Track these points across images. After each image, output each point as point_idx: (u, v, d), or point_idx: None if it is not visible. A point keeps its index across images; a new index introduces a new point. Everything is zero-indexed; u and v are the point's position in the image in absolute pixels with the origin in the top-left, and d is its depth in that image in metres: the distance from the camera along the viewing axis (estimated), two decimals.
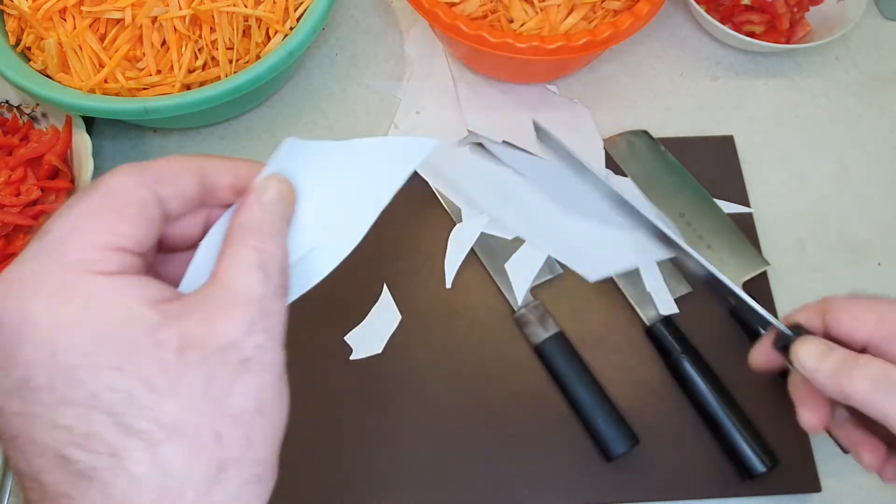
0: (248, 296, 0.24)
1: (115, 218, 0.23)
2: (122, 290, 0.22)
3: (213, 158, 0.27)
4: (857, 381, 0.30)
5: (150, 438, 0.21)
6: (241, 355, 0.23)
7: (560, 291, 0.57)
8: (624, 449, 0.50)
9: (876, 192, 0.63)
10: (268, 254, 0.25)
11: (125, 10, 0.54)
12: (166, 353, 0.22)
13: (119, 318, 0.22)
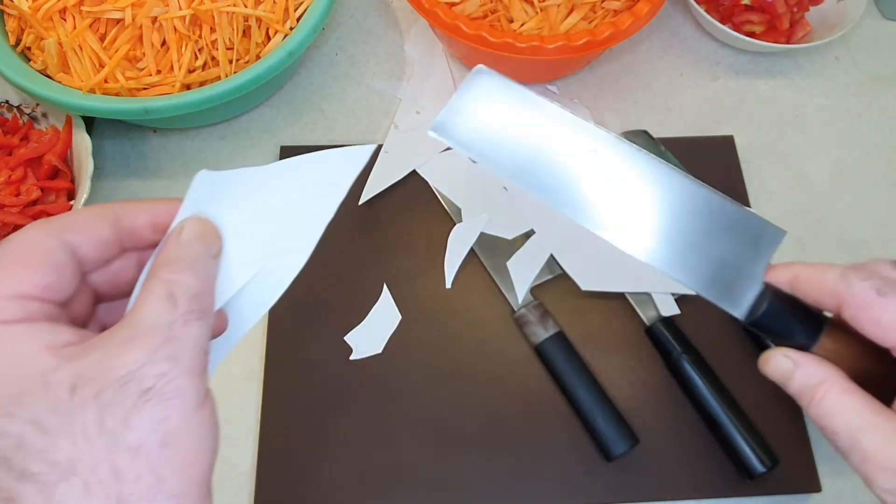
0: (151, 325, 0.23)
1: (18, 267, 0.24)
2: (17, 337, 0.22)
3: (127, 202, 0.27)
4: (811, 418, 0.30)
5: (45, 480, 0.21)
6: (140, 386, 0.22)
7: (560, 291, 0.57)
8: (624, 449, 0.50)
9: (876, 191, 0.63)
10: (178, 283, 0.25)
11: (125, 10, 0.54)
12: (58, 392, 0.22)
13: (10, 366, 0.22)
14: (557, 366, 0.53)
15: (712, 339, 0.55)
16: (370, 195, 0.60)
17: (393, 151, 0.63)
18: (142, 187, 0.62)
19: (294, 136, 0.65)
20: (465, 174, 0.62)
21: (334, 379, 0.54)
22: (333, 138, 0.65)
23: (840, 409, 0.29)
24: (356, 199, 0.60)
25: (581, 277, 0.57)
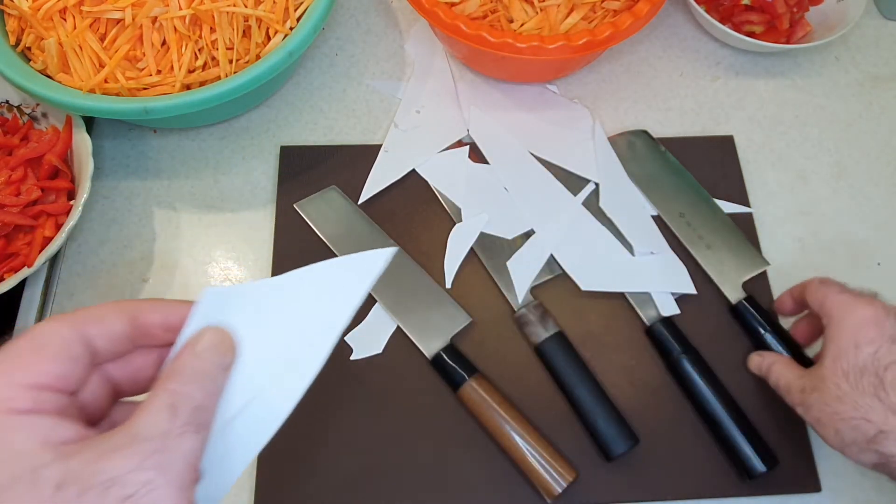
0: (146, 433, 0.24)
1: (34, 357, 0.24)
2: (21, 428, 0.23)
3: (143, 300, 0.28)
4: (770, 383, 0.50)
5: None
6: (122, 492, 0.23)
7: (560, 291, 0.57)
8: (624, 449, 0.50)
9: (875, 192, 0.64)
10: (182, 395, 0.25)
11: (125, 10, 0.54)
12: (44, 489, 0.22)
13: (6, 455, 0.23)
14: (557, 366, 0.53)
15: (712, 339, 0.55)
16: (370, 194, 0.60)
17: (393, 151, 0.63)
18: (142, 187, 0.62)
19: (294, 136, 0.65)
20: (465, 174, 0.62)
21: (334, 379, 0.54)
22: (333, 138, 0.65)
23: (783, 370, 0.48)
24: (357, 198, 0.60)
25: (581, 277, 0.57)
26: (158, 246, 0.60)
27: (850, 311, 0.44)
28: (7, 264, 0.54)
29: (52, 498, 0.22)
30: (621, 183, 0.61)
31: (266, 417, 0.28)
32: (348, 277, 0.29)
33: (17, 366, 0.24)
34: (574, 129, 0.65)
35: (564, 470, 0.50)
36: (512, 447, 0.50)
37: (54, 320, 0.26)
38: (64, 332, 0.26)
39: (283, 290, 0.29)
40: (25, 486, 0.22)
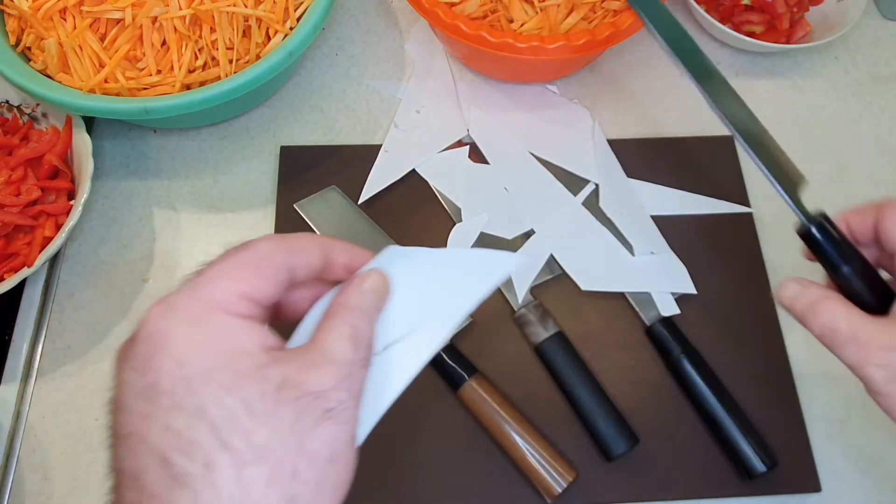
0: (339, 358, 0.27)
1: (254, 274, 0.27)
2: (244, 330, 0.26)
3: (335, 240, 0.31)
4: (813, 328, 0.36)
5: (240, 458, 0.24)
6: (326, 405, 0.26)
7: (560, 291, 0.57)
8: (624, 449, 0.50)
9: (876, 191, 0.63)
10: (359, 329, 0.29)
11: (125, 10, 0.54)
12: (268, 385, 0.25)
13: (237, 351, 0.26)
14: (557, 366, 0.53)
15: (712, 339, 0.55)
16: (370, 194, 0.60)
17: (393, 151, 0.63)
18: (142, 187, 0.62)
19: (294, 136, 0.65)
20: (465, 174, 0.62)
21: None
22: (333, 138, 0.65)
23: (842, 312, 0.35)
24: (357, 198, 0.60)
25: (581, 277, 0.57)
26: (158, 246, 0.60)
27: None
28: (7, 264, 0.54)
29: (274, 396, 0.25)
30: (621, 183, 0.61)
31: (395, 371, 0.31)
32: (492, 266, 0.33)
33: (238, 277, 0.27)
34: (574, 129, 0.65)
35: (564, 470, 0.50)
36: (512, 447, 0.50)
37: (271, 242, 0.29)
38: (278, 257, 0.28)
39: (439, 260, 0.33)
40: (254, 381, 0.25)
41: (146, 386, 0.25)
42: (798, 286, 0.38)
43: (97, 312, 0.57)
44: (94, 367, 0.55)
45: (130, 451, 0.25)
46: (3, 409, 0.53)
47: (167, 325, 0.26)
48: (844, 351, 0.34)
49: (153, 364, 0.25)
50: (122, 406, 0.26)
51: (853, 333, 0.34)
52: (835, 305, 0.35)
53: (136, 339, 0.26)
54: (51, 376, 0.55)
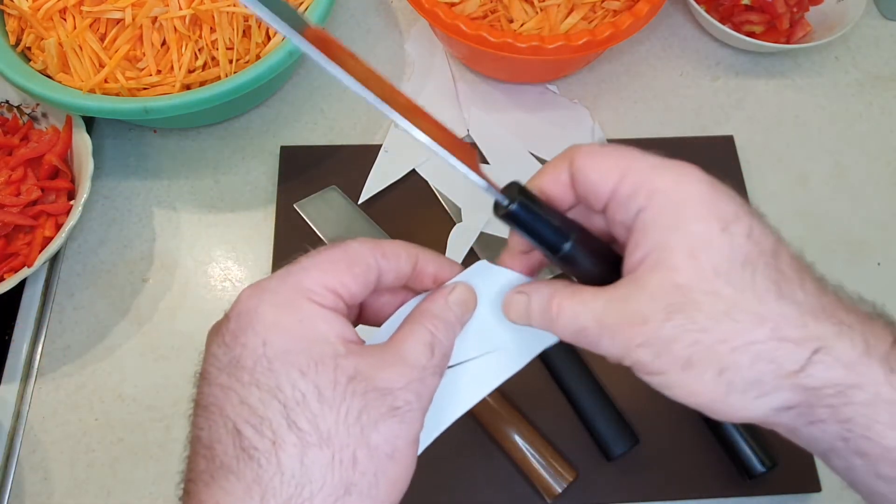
0: (412, 361, 0.28)
1: (345, 270, 0.28)
2: (327, 320, 0.27)
3: (425, 250, 0.32)
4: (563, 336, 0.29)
5: (305, 439, 0.25)
6: (393, 403, 0.27)
7: None
8: (624, 449, 0.50)
9: (875, 192, 0.63)
10: (437, 338, 0.29)
11: (125, 10, 0.54)
12: (341, 374, 0.26)
13: (317, 339, 0.26)
14: (558, 366, 0.53)
15: None
16: (370, 194, 0.60)
17: (393, 151, 0.63)
18: (142, 187, 0.62)
19: (294, 136, 0.65)
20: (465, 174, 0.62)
21: None
22: (333, 138, 0.65)
23: (577, 306, 0.28)
24: (357, 198, 0.60)
25: None
26: (158, 246, 0.60)
27: (681, 180, 0.27)
28: (7, 264, 0.54)
29: (344, 386, 0.26)
30: None
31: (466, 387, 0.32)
32: None
33: (329, 270, 0.28)
34: (574, 129, 0.65)
35: (564, 470, 0.50)
36: (512, 447, 0.50)
37: (365, 244, 0.29)
38: (370, 259, 0.29)
39: None
40: (328, 368, 0.26)
41: (230, 360, 0.26)
42: (521, 296, 0.31)
43: (97, 312, 0.57)
44: (94, 367, 0.55)
45: (208, 422, 0.26)
46: (3, 409, 0.53)
47: (256, 304, 0.27)
48: (602, 347, 0.28)
49: (239, 340, 0.26)
50: (206, 378, 0.27)
51: (599, 323, 0.28)
52: (566, 302, 0.29)
53: (228, 317, 0.27)
54: (51, 376, 0.55)
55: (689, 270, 0.26)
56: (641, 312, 0.26)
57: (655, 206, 0.27)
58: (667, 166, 0.28)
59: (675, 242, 0.26)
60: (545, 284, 0.30)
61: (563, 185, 0.30)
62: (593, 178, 0.29)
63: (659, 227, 0.27)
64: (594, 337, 0.28)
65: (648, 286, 0.27)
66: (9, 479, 0.52)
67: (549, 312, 0.29)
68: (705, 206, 0.27)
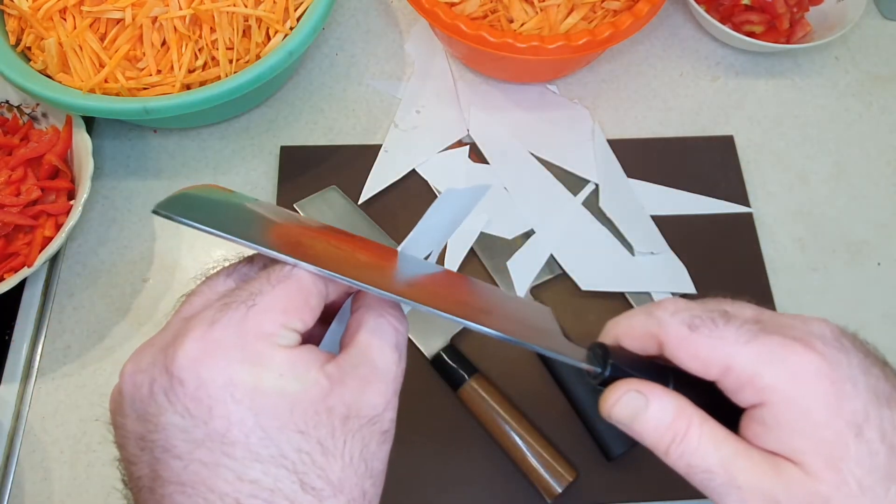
0: (388, 373, 0.28)
1: (303, 306, 0.27)
2: (301, 360, 0.26)
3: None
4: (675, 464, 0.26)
5: (320, 495, 0.24)
6: (382, 428, 0.27)
7: (560, 291, 0.57)
8: (624, 449, 0.50)
9: (876, 192, 0.63)
10: (402, 335, 0.29)
11: (125, 10, 0.54)
12: (335, 420, 0.25)
13: (303, 386, 0.25)
14: (557, 366, 0.53)
15: None
16: (370, 194, 0.60)
17: (393, 151, 0.63)
18: (142, 187, 0.62)
19: (294, 136, 0.65)
20: (465, 174, 0.62)
21: None
22: (333, 138, 0.65)
23: (708, 441, 0.25)
24: (357, 198, 0.60)
25: (581, 277, 0.57)
26: (158, 246, 0.60)
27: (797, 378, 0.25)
28: (7, 264, 0.54)
29: (342, 430, 0.25)
30: (621, 183, 0.61)
31: None
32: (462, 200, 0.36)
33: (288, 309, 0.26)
34: (574, 129, 0.65)
35: (564, 470, 0.50)
36: (512, 447, 0.50)
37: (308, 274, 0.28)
38: (320, 286, 0.28)
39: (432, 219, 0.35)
40: (321, 418, 0.25)
41: (209, 435, 0.24)
42: (638, 398, 0.26)
43: (97, 312, 0.57)
44: (94, 367, 0.55)
45: (192, 499, 0.24)
46: (3, 409, 0.53)
47: (223, 369, 0.24)
48: (722, 499, 0.25)
49: (217, 412, 0.24)
50: (170, 451, 0.24)
51: (730, 476, 0.25)
52: (698, 431, 0.25)
53: (178, 379, 0.24)
54: (51, 376, 0.55)
55: (832, 482, 0.24)
56: (778, 500, 0.24)
57: (775, 407, 0.25)
58: (776, 355, 0.25)
59: (808, 448, 0.24)
60: (668, 394, 0.26)
61: (654, 352, 0.28)
62: (692, 367, 0.26)
63: (786, 430, 0.25)
64: (718, 484, 0.25)
65: (790, 480, 0.24)
66: (9, 479, 0.52)
67: (672, 430, 0.26)
68: (831, 409, 0.24)
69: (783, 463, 0.24)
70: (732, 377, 0.25)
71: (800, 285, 0.59)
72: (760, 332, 0.25)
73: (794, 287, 0.59)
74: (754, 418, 0.25)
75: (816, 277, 0.59)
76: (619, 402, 0.27)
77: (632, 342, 0.29)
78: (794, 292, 0.58)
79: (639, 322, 0.29)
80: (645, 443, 0.26)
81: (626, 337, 0.29)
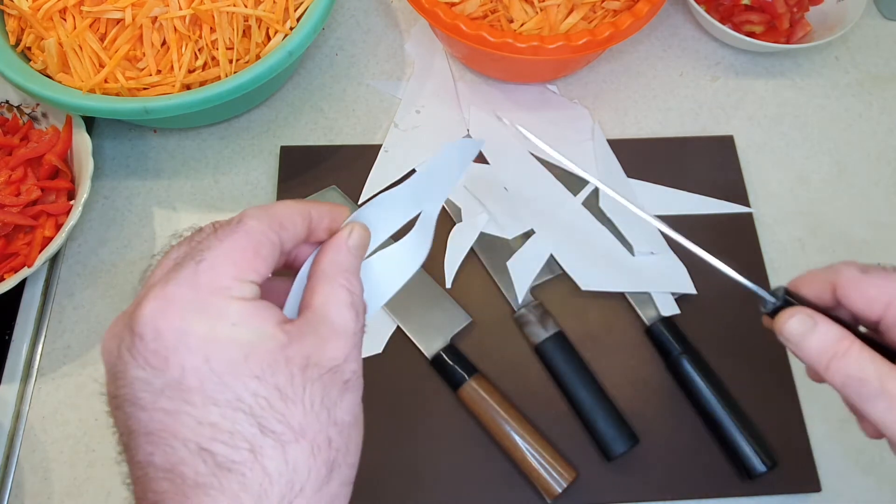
0: (343, 329, 0.29)
1: (253, 256, 0.27)
2: (258, 313, 0.26)
3: (316, 204, 0.31)
4: (834, 376, 0.31)
5: (281, 439, 0.25)
6: (343, 377, 0.28)
7: (560, 291, 0.57)
8: (624, 449, 0.50)
9: (876, 192, 0.63)
10: (356, 294, 0.30)
11: (125, 10, 0.54)
12: (294, 367, 0.26)
13: (259, 337, 0.26)
14: (557, 366, 0.53)
15: (712, 339, 0.55)
16: (370, 194, 0.60)
17: (393, 151, 0.63)
18: (142, 187, 0.62)
19: (294, 136, 0.65)
20: (465, 174, 0.62)
21: None
22: (333, 138, 0.65)
23: (867, 357, 0.30)
24: (357, 198, 0.60)
25: (581, 277, 0.57)
26: (158, 246, 0.60)
27: None
28: (7, 264, 0.54)
29: (301, 377, 0.26)
30: (621, 183, 0.61)
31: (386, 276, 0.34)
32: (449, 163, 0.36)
33: (238, 261, 0.27)
34: (574, 129, 0.65)
35: (564, 470, 0.50)
36: (512, 447, 0.50)
37: (261, 221, 0.28)
38: (272, 235, 0.28)
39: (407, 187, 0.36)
40: (279, 365, 0.26)
41: (167, 383, 0.25)
42: (806, 318, 0.31)
43: (97, 312, 0.57)
44: (94, 367, 0.55)
45: (159, 448, 0.25)
46: (3, 409, 0.53)
47: (177, 319, 0.25)
48: (873, 406, 0.29)
49: (173, 361, 0.25)
50: (137, 404, 0.25)
51: (884, 387, 0.29)
52: (858, 350, 0.30)
53: (138, 335, 0.25)
54: (51, 376, 0.55)
55: None
56: None
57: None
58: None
59: None
60: (833, 322, 0.31)
61: (827, 300, 0.33)
62: (859, 305, 0.31)
63: None
64: (872, 393, 0.29)
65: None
66: (9, 479, 0.52)
67: (837, 346, 0.30)
68: None
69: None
70: (893, 311, 0.30)
71: None
72: None
73: None
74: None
75: None
76: (793, 319, 0.31)
77: (809, 288, 0.33)
78: None
79: (818, 271, 0.33)
80: (808, 359, 0.31)
81: (805, 283, 0.34)
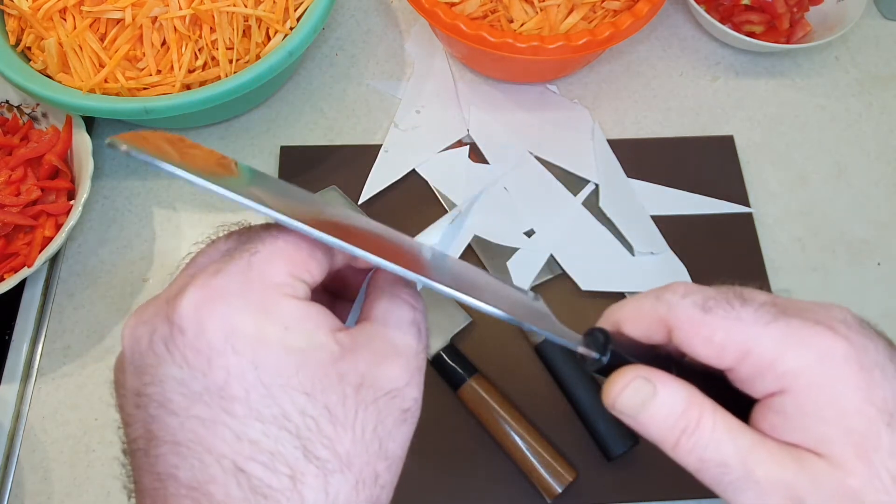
0: (406, 348, 0.25)
1: (308, 257, 0.25)
2: (311, 316, 0.24)
3: None
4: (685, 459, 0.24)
5: (325, 467, 0.22)
6: (403, 405, 0.24)
7: (560, 291, 0.57)
8: (624, 449, 0.50)
9: (876, 192, 0.63)
10: (419, 312, 0.27)
11: (125, 10, 0.54)
12: (347, 387, 0.23)
13: (310, 345, 0.23)
14: (557, 366, 0.53)
15: None
16: (370, 194, 0.60)
17: (393, 151, 0.63)
18: (142, 187, 0.62)
19: (294, 136, 0.65)
20: (465, 174, 0.62)
21: None
22: (333, 138, 0.65)
23: (723, 431, 0.23)
24: (357, 198, 0.60)
25: (581, 277, 0.57)
26: (158, 246, 0.60)
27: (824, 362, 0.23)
28: (7, 264, 0.54)
29: (354, 398, 0.23)
30: (621, 183, 0.61)
31: None
32: None
33: (293, 258, 0.24)
34: (574, 129, 0.65)
35: (564, 470, 0.50)
36: (512, 447, 0.50)
37: None
38: None
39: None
40: (332, 382, 0.23)
41: (207, 388, 0.22)
42: (645, 385, 0.24)
43: (97, 312, 0.57)
44: (94, 367, 0.55)
45: (186, 461, 0.22)
46: (3, 409, 0.53)
47: (225, 317, 0.22)
48: (738, 497, 0.23)
49: (217, 364, 0.22)
50: (168, 407, 0.22)
51: (749, 472, 0.23)
52: (712, 420, 0.23)
53: (178, 328, 0.22)
54: (51, 376, 0.55)
55: (863, 475, 0.22)
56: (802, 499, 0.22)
57: (798, 394, 0.23)
58: (800, 338, 0.23)
59: (836, 437, 0.22)
60: (677, 381, 0.24)
61: (659, 339, 0.26)
62: (704, 354, 0.24)
63: (810, 418, 0.23)
64: (734, 479, 0.23)
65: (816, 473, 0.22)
66: (9, 479, 0.52)
67: (684, 418, 0.23)
68: (861, 396, 0.22)
69: (806, 455, 0.22)
70: (750, 363, 0.23)
71: (800, 285, 0.59)
72: (780, 314, 0.23)
73: (794, 287, 0.59)
74: (772, 408, 0.23)
75: (816, 277, 0.59)
76: (626, 390, 0.24)
77: (636, 328, 0.26)
78: (794, 292, 0.58)
79: (646, 305, 0.26)
80: (651, 436, 0.24)
81: (630, 322, 0.26)
